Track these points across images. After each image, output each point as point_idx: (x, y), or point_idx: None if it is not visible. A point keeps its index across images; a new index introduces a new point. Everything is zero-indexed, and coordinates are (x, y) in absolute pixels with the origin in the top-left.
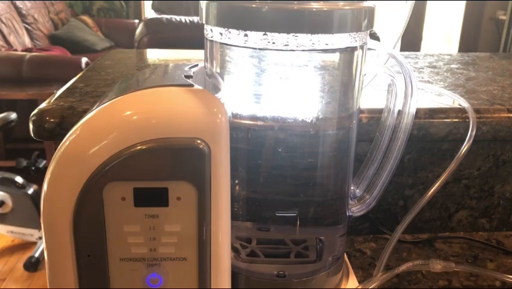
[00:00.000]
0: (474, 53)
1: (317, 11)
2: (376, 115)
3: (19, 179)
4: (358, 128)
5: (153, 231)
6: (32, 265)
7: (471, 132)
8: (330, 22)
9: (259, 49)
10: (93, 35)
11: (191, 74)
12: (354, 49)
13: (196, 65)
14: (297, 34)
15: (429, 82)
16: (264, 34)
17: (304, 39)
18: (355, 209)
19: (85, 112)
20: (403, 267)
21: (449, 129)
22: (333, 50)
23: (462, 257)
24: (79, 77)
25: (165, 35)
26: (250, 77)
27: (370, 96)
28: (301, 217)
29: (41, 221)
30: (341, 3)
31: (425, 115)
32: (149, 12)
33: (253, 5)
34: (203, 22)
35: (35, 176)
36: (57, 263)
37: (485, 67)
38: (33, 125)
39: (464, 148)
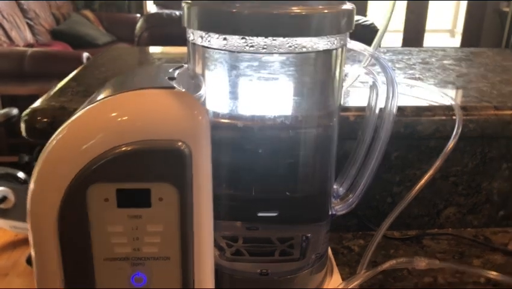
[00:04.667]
0: (470, 48)
1: (295, 15)
2: (363, 113)
3: (21, 175)
4: (345, 126)
5: (136, 231)
6: None
7: (456, 130)
8: (308, 26)
9: (238, 52)
10: (95, 30)
11: (175, 76)
12: (332, 51)
13: (182, 66)
14: (275, 38)
15: (419, 78)
16: (242, 38)
17: (282, 42)
18: (338, 208)
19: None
20: (387, 265)
21: (435, 126)
22: (311, 53)
23: (449, 254)
24: (73, 76)
25: (166, 30)
26: (230, 78)
27: (358, 94)
28: (285, 215)
29: (28, 221)
30: (320, 6)
31: (412, 112)
32: (150, 7)
33: (233, 10)
34: (185, 25)
35: None
36: (43, 262)
37: (478, 63)
38: (25, 124)
39: (450, 146)
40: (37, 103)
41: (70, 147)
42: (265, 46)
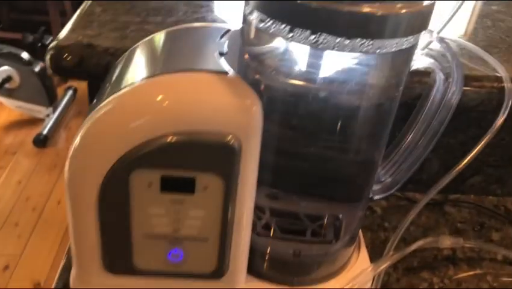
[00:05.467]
0: None
1: (370, 15)
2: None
3: (25, 55)
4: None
5: (177, 214)
6: (41, 142)
7: (505, 106)
8: (384, 27)
9: (304, 44)
10: None
11: (225, 50)
12: (407, 49)
13: (229, 30)
14: (348, 39)
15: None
16: (311, 33)
17: (355, 43)
18: (376, 190)
19: (105, 52)
20: (414, 246)
21: (481, 99)
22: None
23: (470, 224)
24: None
25: None
26: (289, 62)
27: None
28: (321, 190)
29: (66, 195)
30: (398, 5)
31: None
32: None
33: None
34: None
35: (41, 53)
36: (82, 235)
37: None
38: (51, 61)
39: (498, 122)
40: (63, 35)
41: (114, 129)
42: (337, 45)
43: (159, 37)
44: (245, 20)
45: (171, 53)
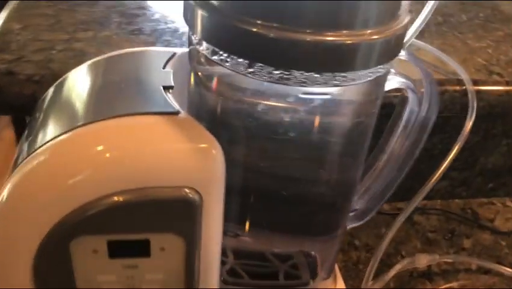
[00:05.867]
0: None
1: (338, 45)
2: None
3: None
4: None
5: (132, 280)
6: None
7: (471, 111)
8: (353, 58)
9: (266, 81)
10: None
11: (171, 83)
12: (379, 77)
13: (174, 55)
14: (318, 73)
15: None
16: (273, 69)
17: (327, 77)
18: (349, 217)
19: (28, 80)
20: (393, 272)
21: (444, 104)
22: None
23: (440, 233)
24: (12, 12)
25: None
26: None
27: None
28: (294, 224)
29: None
30: (369, 31)
31: None
32: None
33: (255, 29)
34: (189, 27)
35: None
36: None
37: (473, 4)
38: None
39: (466, 129)
40: None
41: (47, 192)
42: (304, 80)
43: (93, 67)
44: (192, 44)
45: (109, 90)
